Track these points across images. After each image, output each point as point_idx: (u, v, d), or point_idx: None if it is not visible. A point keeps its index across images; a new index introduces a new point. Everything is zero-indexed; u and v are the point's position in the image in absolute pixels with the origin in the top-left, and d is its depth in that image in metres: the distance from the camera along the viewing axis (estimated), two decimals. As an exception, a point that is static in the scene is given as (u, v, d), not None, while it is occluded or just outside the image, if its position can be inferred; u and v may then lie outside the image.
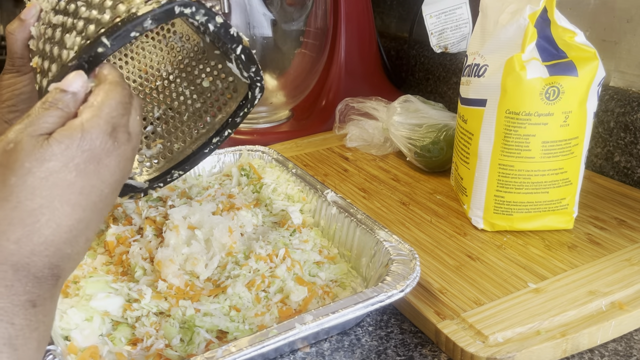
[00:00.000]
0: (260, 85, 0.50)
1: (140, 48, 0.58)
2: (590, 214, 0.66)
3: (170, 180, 0.54)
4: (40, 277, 0.33)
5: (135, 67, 0.58)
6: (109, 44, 0.38)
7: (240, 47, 0.46)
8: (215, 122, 0.53)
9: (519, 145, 0.59)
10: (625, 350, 0.48)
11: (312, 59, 0.97)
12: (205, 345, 0.47)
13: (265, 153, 0.78)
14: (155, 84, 0.57)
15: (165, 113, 0.56)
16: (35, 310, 0.32)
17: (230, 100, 0.52)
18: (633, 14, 0.73)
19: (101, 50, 0.38)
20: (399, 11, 1.19)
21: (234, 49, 0.46)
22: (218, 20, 0.42)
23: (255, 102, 0.51)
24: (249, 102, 0.51)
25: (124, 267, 0.57)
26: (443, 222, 0.66)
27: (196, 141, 0.54)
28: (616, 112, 0.75)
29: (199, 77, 0.55)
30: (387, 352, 0.49)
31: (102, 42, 0.37)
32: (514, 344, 0.46)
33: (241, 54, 0.46)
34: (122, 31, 0.38)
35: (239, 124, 0.52)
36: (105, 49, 0.38)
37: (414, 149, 0.78)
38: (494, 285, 0.54)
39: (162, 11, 0.39)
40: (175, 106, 0.56)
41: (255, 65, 0.48)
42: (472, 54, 0.63)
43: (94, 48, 0.37)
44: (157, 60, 0.57)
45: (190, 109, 0.55)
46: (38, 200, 0.33)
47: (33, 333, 0.32)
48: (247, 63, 0.47)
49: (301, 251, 0.58)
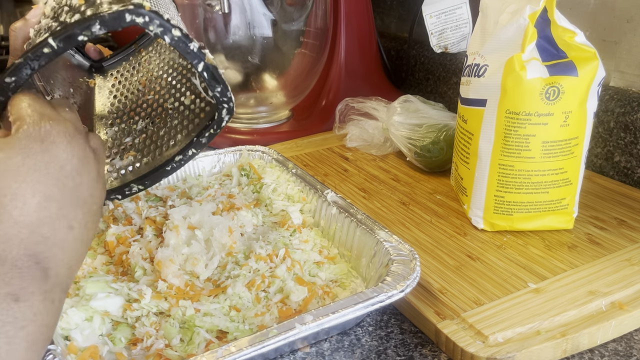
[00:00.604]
0: (228, 107, 0.47)
1: (147, 62, 0.57)
2: (590, 214, 0.66)
3: (129, 194, 0.52)
4: (21, 267, 0.32)
5: (138, 79, 0.57)
6: (54, 45, 0.38)
7: (201, 64, 0.43)
8: (183, 141, 0.52)
9: (519, 145, 0.59)
10: (625, 350, 0.48)
11: (312, 59, 0.97)
12: (205, 345, 0.48)
13: (265, 153, 0.78)
14: (147, 97, 0.56)
15: (147, 127, 0.55)
16: (19, 305, 0.31)
17: (203, 120, 0.51)
18: (633, 14, 0.73)
19: (47, 50, 0.38)
20: (399, 11, 1.19)
21: (195, 65, 0.43)
22: (175, 34, 0.40)
23: (222, 124, 0.48)
24: (215, 123, 0.48)
25: (124, 267, 0.57)
26: (443, 222, 0.66)
27: (163, 157, 0.53)
28: (616, 112, 0.75)
29: (183, 95, 0.54)
30: (387, 352, 0.49)
31: (47, 42, 0.38)
32: (514, 344, 0.46)
33: (203, 71, 0.43)
34: (70, 33, 0.38)
35: (205, 145, 0.50)
36: (51, 49, 0.38)
37: (414, 149, 0.78)
38: (494, 285, 0.54)
39: (111, 17, 0.38)
40: (156, 121, 0.55)
41: (221, 85, 0.45)
42: (472, 54, 0.63)
43: (40, 48, 0.38)
44: (157, 74, 0.56)
45: (167, 124, 0.54)
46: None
47: (19, 332, 0.30)
48: (211, 82, 0.44)
49: (301, 251, 0.58)
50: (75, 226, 0.35)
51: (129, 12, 0.38)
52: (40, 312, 0.32)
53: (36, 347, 0.32)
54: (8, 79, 0.38)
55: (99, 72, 0.60)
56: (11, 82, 0.39)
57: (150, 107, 0.56)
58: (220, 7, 0.87)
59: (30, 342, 0.31)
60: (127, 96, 0.57)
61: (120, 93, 0.57)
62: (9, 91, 0.39)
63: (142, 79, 0.57)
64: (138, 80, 0.57)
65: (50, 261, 0.33)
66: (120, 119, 0.57)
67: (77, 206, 0.36)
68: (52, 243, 0.34)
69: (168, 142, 0.53)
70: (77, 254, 0.36)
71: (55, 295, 0.34)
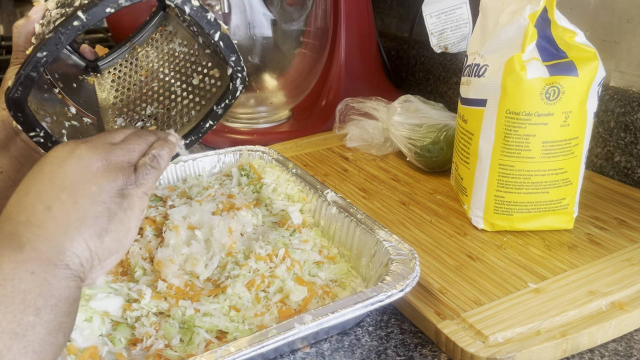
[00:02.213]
0: (242, 76, 0.50)
1: (145, 56, 0.59)
2: (590, 214, 0.66)
3: None
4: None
5: (138, 72, 0.59)
6: (84, 17, 0.40)
7: (218, 33, 0.47)
8: (197, 116, 0.54)
9: (519, 145, 0.59)
10: (625, 350, 0.48)
11: (312, 59, 0.97)
12: (205, 346, 0.47)
13: (265, 153, 0.78)
14: (152, 85, 0.57)
15: (156, 110, 0.56)
16: None
17: (215, 94, 0.53)
18: (633, 14, 0.73)
19: (77, 23, 0.40)
20: (399, 11, 1.19)
21: (212, 34, 0.46)
22: (194, 4, 0.43)
23: (237, 94, 0.51)
24: (229, 93, 0.51)
25: (123, 267, 0.57)
26: (443, 222, 0.66)
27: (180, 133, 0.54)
28: (616, 112, 0.75)
29: (190, 76, 0.56)
30: (387, 352, 0.49)
31: (77, 16, 0.39)
32: (514, 344, 0.46)
33: (219, 40, 0.47)
34: (99, 6, 0.40)
35: (221, 115, 0.53)
36: (81, 22, 0.40)
37: (414, 149, 0.78)
38: (494, 285, 0.54)
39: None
40: (165, 103, 0.56)
41: (235, 54, 0.49)
42: (472, 54, 0.63)
43: (70, 21, 0.40)
44: (158, 64, 0.58)
45: (178, 106, 0.55)
46: None
47: None
48: (226, 50, 0.48)
49: (301, 251, 0.58)
50: (54, 207, 0.38)
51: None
52: (11, 278, 0.34)
53: (9, 309, 0.33)
54: (40, 53, 0.40)
55: (95, 71, 0.62)
56: (43, 56, 0.40)
57: (157, 93, 0.57)
58: (220, 7, 0.87)
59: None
60: (130, 88, 0.58)
61: (121, 87, 0.58)
62: (41, 66, 0.41)
63: (143, 72, 0.58)
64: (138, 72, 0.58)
65: (24, 237, 0.36)
66: (127, 107, 0.58)
67: (59, 190, 0.38)
68: (26, 224, 0.37)
69: (182, 119, 0.54)
70: (62, 228, 0.37)
71: (36, 267, 0.35)
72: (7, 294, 0.33)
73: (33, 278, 0.35)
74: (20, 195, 0.39)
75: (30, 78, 0.41)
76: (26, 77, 0.41)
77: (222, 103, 0.52)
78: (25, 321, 0.33)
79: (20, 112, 0.43)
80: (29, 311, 0.34)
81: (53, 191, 0.38)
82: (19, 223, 0.37)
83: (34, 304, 0.34)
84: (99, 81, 0.59)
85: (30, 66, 0.40)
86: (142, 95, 0.58)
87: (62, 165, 0.39)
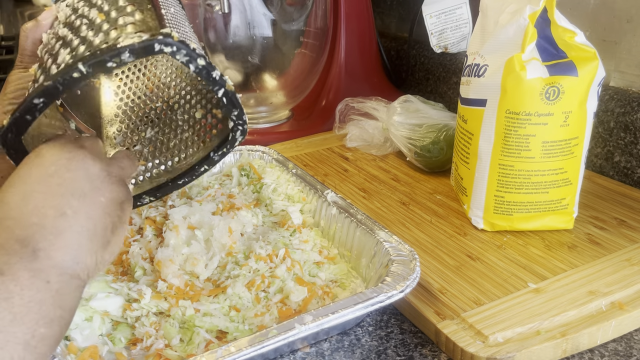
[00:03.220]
0: (242, 129, 0.49)
1: (154, 66, 0.57)
2: (590, 214, 0.66)
3: (140, 205, 0.54)
4: (8, 248, 0.34)
5: (144, 83, 0.57)
6: (84, 70, 0.38)
7: (222, 90, 0.45)
8: (193, 155, 0.53)
9: (519, 145, 0.59)
10: (625, 350, 0.48)
11: (312, 59, 0.97)
12: (205, 346, 0.48)
13: (265, 153, 0.78)
14: (155, 105, 0.57)
15: (156, 136, 0.56)
16: (3, 278, 0.33)
17: (215, 137, 0.52)
18: (633, 14, 0.73)
19: (76, 75, 0.38)
20: (399, 11, 1.19)
21: (216, 91, 0.45)
22: (200, 63, 0.41)
23: (235, 144, 0.50)
24: (228, 142, 0.50)
25: (123, 267, 0.57)
26: (443, 222, 0.66)
27: (174, 171, 0.54)
28: (616, 112, 0.75)
29: (194, 108, 0.54)
30: (387, 352, 0.49)
31: (77, 67, 0.38)
32: (514, 344, 0.46)
33: (223, 96, 0.45)
34: (99, 60, 0.38)
35: (217, 162, 0.52)
36: (81, 74, 0.38)
37: (414, 149, 0.78)
38: (494, 285, 0.54)
39: (141, 47, 0.38)
40: (166, 131, 0.56)
41: (238, 109, 0.47)
42: (472, 54, 0.63)
43: (69, 72, 0.38)
44: (165, 82, 0.57)
45: (178, 137, 0.54)
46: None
47: (2, 303, 0.32)
48: (229, 106, 0.46)
49: (301, 251, 0.58)
50: (68, 213, 0.37)
51: (158, 42, 0.39)
52: (28, 288, 0.33)
53: (25, 320, 0.33)
54: (36, 99, 0.39)
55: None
56: (39, 102, 0.39)
57: (159, 116, 0.56)
58: (220, 7, 0.87)
59: (15, 314, 0.32)
60: (134, 100, 0.57)
61: (126, 96, 0.57)
62: (37, 112, 0.40)
63: (150, 85, 0.57)
64: (145, 84, 0.57)
65: (39, 242, 0.35)
66: (127, 124, 0.57)
67: (69, 196, 0.38)
68: (40, 228, 0.36)
69: (179, 154, 0.54)
70: (79, 240, 0.37)
71: (51, 276, 0.35)
72: (24, 304, 0.33)
73: (48, 287, 0.34)
74: (24, 190, 0.38)
75: (25, 121, 0.40)
76: (21, 119, 0.40)
77: (220, 151, 0.51)
78: (38, 333, 0.33)
79: (14, 150, 0.42)
80: (42, 322, 0.33)
81: (64, 197, 0.38)
82: (31, 226, 0.36)
83: (47, 315, 0.34)
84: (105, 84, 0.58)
85: (25, 110, 0.39)
86: (145, 114, 0.57)
87: (68, 170, 0.39)
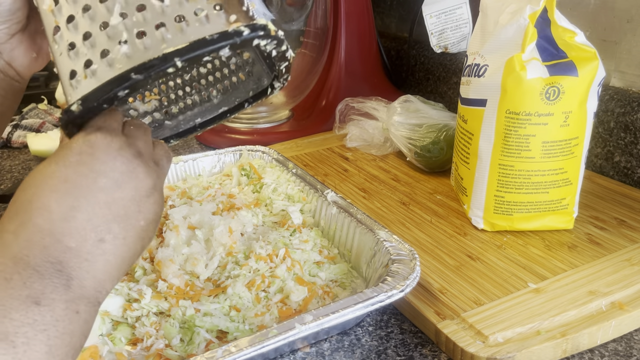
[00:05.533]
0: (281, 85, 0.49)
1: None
2: (590, 214, 0.66)
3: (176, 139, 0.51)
4: (43, 272, 0.32)
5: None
6: (179, 65, 0.35)
7: (285, 63, 0.45)
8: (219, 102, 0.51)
9: (519, 145, 0.59)
10: (625, 350, 0.49)
11: (312, 59, 0.97)
12: (205, 345, 0.48)
13: (265, 153, 0.78)
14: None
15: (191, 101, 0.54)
16: (40, 309, 0.31)
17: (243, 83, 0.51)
18: (633, 14, 0.73)
19: (171, 70, 0.36)
20: (399, 11, 1.19)
21: (279, 65, 0.45)
22: (282, 48, 0.41)
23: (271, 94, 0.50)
24: (263, 94, 0.50)
25: (124, 267, 0.57)
26: (443, 222, 0.66)
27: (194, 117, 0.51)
28: (616, 112, 0.75)
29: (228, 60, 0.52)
30: (387, 352, 0.49)
31: (174, 62, 0.35)
32: (514, 344, 0.46)
33: (283, 68, 0.46)
34: (198, 54, 0.36)
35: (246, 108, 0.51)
36: (175, 69, 0.36)
37: (414, 149, 0.78)
38: (494, 285, 0.54)
39: (242, 41, 0.37)
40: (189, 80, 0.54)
41: (288, 73, 0.47)
42: (472, 54, 0.63)
43: (163, 66, 0.35)
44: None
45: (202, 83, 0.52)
46: (30, 191, 0.34)
47: (39, 334, 0.31)
48: (285, 74, 0.47)
49: (301, 251, 0.58)
50: (107, 239, 0.35)
51: (259, 37, 0.38)
52: (62, 319, 0.32)
53: (58, 352, 0.31)
54: (122, 92, 0.36)
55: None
56: (124, 94, 0.36)
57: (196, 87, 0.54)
58: (221, 7, 0.87)
59: (51, 346, 0.31)
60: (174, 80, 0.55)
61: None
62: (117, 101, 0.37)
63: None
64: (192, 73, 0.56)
65: (74, 270, 0.33)
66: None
67: (112, 220, 0.35)
68: (76, 253, 0.34)
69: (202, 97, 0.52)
70: (108, 268, 0.35)
71: (80, 306, 0.33)
72: (59, 336, 0.31)
73: (78, 318, 0.33)
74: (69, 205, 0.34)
75: (101, 109, 0.37)
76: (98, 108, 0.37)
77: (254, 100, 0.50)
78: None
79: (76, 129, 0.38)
80: (71, 354, 0.32)
81: (106, 220, 0.35)
82: (68, 250, 0.33)
83: (75, 345, 0.33)
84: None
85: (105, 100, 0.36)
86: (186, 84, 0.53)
87: (120, 187, 0.36)
